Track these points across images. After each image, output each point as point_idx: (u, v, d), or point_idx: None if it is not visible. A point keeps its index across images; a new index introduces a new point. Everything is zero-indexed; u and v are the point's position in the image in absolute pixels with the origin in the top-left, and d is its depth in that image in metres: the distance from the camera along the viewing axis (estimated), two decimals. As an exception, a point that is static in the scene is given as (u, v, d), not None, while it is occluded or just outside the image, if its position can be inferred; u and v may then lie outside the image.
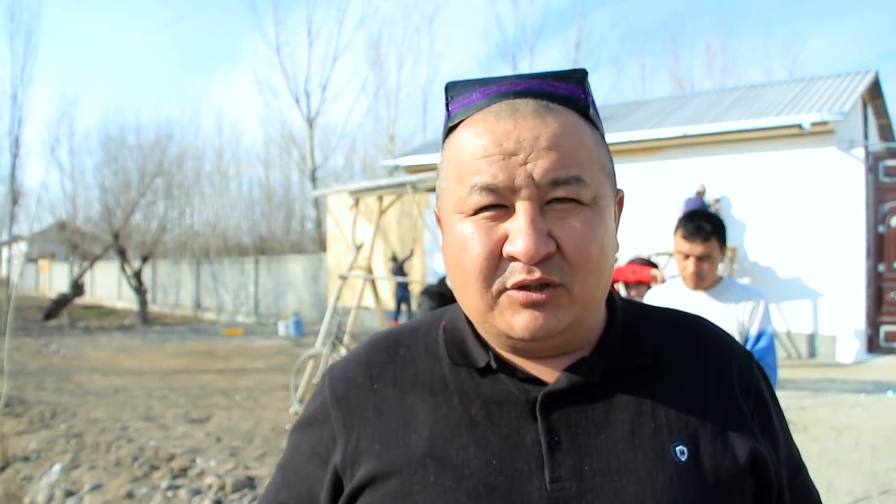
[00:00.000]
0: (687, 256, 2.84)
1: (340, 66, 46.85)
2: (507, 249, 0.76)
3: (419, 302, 4.71)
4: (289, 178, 36.75)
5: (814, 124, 11.46)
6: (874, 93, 14.87)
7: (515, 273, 0.76)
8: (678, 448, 0.80)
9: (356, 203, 9.14)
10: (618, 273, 4.17)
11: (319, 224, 30.55)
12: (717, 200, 12.58)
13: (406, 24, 49.76)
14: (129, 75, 66.35)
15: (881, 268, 11.54)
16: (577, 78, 0.82)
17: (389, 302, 15.97)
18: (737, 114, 13.15)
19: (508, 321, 0.78)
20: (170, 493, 5.12)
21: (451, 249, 0.82)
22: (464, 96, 0.83)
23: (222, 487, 5.26)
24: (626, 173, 13.55)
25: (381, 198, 9.03)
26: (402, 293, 16.10)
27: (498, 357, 0.85)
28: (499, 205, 0.78)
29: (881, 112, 16.05)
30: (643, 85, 37.82)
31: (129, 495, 5.09)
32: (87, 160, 41.86)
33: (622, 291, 4.27)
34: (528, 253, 0.74)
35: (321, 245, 26.65)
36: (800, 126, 11.60)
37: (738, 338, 2.89)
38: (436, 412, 0.84)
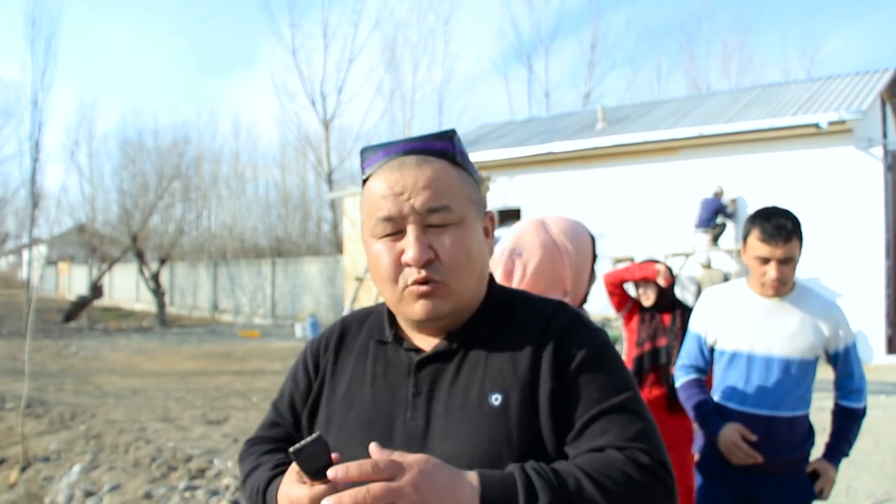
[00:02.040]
0: (766, 261, 2.54)
1: (356, 69, 46.78)
2: (403, 258, 1.12)
3: None
4: (305, 181, 36.83)
5: (831, 123, 11.36)
6: (893, 90, 14.72)
7: (411, 275, 1.12)
8: (494, 396, 1.11)
9: (372, 205, 9.15)
10: (624, 272, 4.11)
11: (336, 226, 30.60)
12: (734, 201, 12.51)
13: (421, 25, 49.61)
14: (146, 79, 67.06)
15: (901, 268, 11.43)
16: (447, 136, 1.19)
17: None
18: (753, 113, 13.06)
19: (411, 308, 1.14)
20: (187, 494, 5.15)
21: (371, 262, 1.19)
22: (372, 157, 1.19)
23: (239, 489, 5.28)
24: (642, 174, 13.50)
25: (396, 199, 9.05)
26: None
27: (397, 334, 1.24)
28: (397, 231, 1.13)
29: (900, 110, 15.89)
30: (659, 85, 37.70)
31: (148, 496, 5.13)
32: (106, 163, 42.25)
33: (631, 291, 4.21)
34: (414, 259, 1.10)
35: (337, 247, 26.70)
36: (817, 125, 11.51)
37: (815, 349, 2.54)
38: (355, 369, 1.26)
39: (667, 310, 4.01)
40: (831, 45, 55.84)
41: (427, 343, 1.21)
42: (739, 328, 2.61)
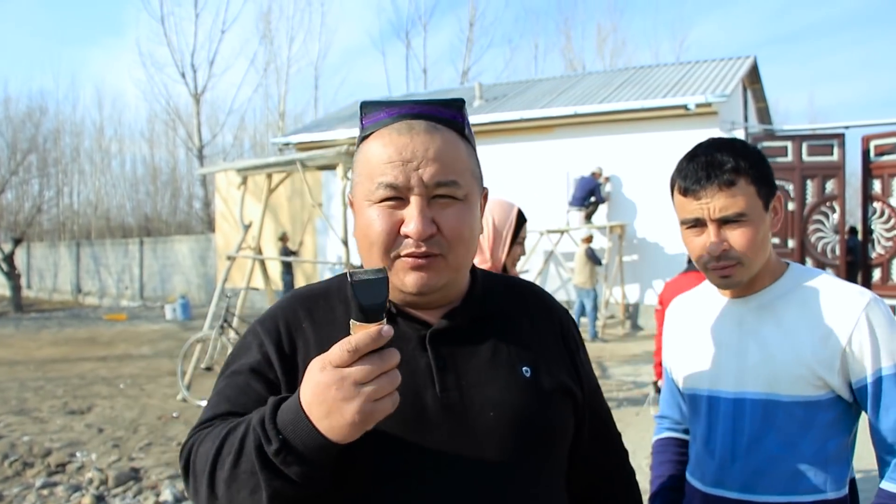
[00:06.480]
0: (699, 227, 1.49)
1: (229, 40, 45.30)
2: (404, 230, 1.05)
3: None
4: (175, 156, 35.50)
5: (698, 105, 11.88)
6: (753, 77, 15.53)
7: (408, 246, 1.06)
8: (524, 368, 1.14)
9: (244, 181, 8.83)
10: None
11: (208, 203, 29.64)
12: (608, 179, 12.85)
13: (297, -3, 48.44)
14: (-3, 45, 62.08)
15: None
16: (457, 106, 1.13)
17: (280, 282, 15.60)
18: (626, 94, 13.45)
19: (402, 279, 1.08)
20: (45, 492, 4.80)
21: (361, 226, 1.11)
22: (374, 114, 1.12)
23: (104, 481, 4.98)
24: (518, 151, 13.67)
25: (270, 176, 8.77)
26: (287, 276, 15.73)
27: (395, 306, 1.14)
28: (397, 197, 1.06)
29: (759, 96, 16.81)
30: (536, 64, 38.45)
31: (-1, 496, 4.75)
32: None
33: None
34: (417, 233, 1.04)
35: (209, 225, 25.89)
36: (685, 107, 11.99)
37: (818, 379, 1.43)
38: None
39: None
40: (698, 31, 58.57)
41: (427, 317, 1.16)
42: (695, 353, 1.62)
